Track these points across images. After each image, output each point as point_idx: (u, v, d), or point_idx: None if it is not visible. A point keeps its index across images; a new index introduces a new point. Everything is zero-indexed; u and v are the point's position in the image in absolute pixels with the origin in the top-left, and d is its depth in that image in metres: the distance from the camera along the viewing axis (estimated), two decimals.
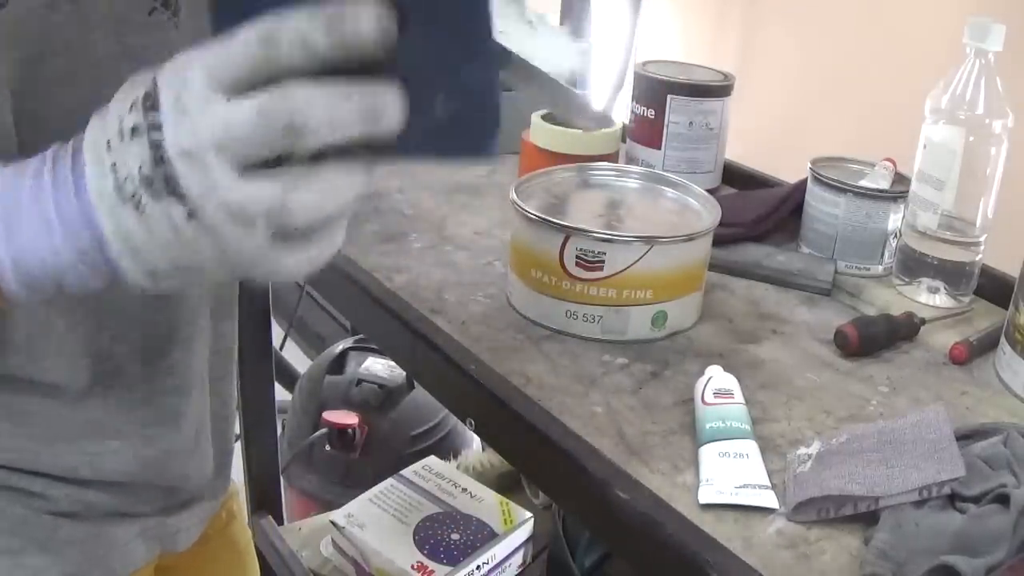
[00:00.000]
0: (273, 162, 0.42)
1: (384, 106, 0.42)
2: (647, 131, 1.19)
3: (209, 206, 0.42)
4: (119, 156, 0.44)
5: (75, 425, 0.67)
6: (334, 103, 0.42)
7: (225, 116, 0.42)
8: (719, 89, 1.18)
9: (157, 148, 0.43)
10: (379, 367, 1.72)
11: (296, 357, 2.20)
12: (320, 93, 0.42)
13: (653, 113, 1.18)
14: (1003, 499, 0.61)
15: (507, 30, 0.57)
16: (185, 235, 0.43)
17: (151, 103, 0.43)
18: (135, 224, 0.44)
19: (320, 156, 0.43)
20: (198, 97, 0.42)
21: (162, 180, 0.43)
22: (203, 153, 0.42)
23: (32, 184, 0.45)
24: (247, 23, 0.42)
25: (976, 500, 0.63)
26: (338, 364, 1.76)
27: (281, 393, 1.76)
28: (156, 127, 0.43)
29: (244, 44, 0.42)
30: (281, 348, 2.14)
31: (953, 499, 0.63)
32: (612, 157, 1.14)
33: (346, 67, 0.42)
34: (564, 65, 0.59)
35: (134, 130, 0.43)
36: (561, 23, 1.62)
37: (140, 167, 0.43)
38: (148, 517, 0.75)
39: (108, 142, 0.44)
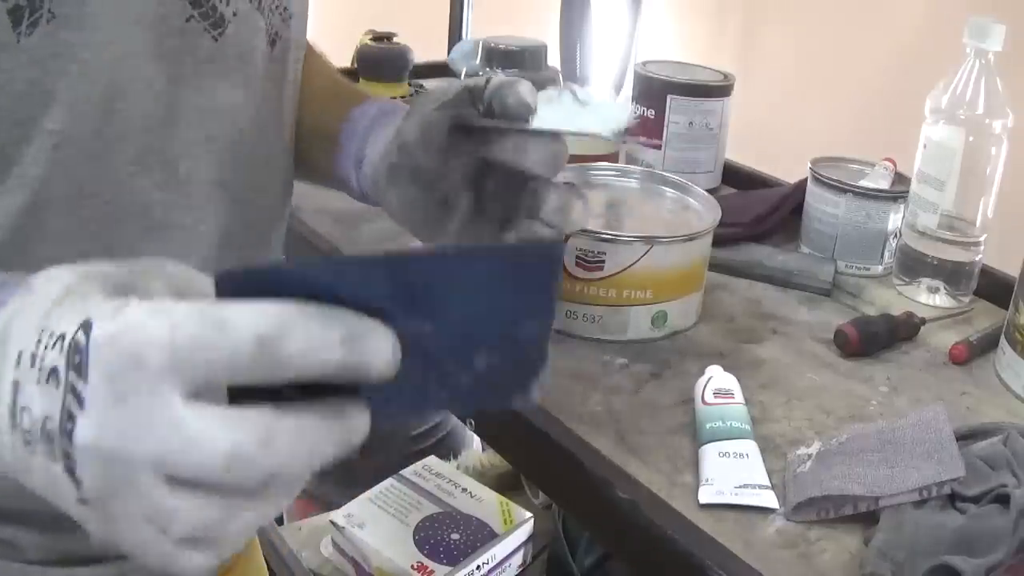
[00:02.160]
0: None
1: (357, 427, 0.36)
2: (647, 131, 1.19)
3: (116, 506, 0.35)
4: (26, 384, 0.36)
5: None
6: (320, 441, 0.35)
7: (185, 434, 0.33)
8: (719, 89, 1.18)
9: (67, 421, 0.34)
10: None
11: None
12: (312, 427, 0.35)
13: (653, 113, 1.18)
14: (1003, 499, 0.61)
15: (564, 112, 0.61)
16: (70, 505, 0.36)
17: (78, 360, 0.34)
18: (16, 452, 0.36)
19: None
20: (148, 389, 0.33)
21: (61, 453, 0.34)
22: (129, 462, 0.34)
23: None
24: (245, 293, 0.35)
25: (976, 500, 0.63)
26: None
27: None
28: (76, 396, 0.34)
29: (235, 340, 0.33)
30: None
31: (953, 499, 0.63)
32: (612, 157, 1.14)
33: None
34: (617, 125, 0.64)
35: (52, 374, 0.35)
36: (561, 25, 1.62)
37: (44, 419, 0.35)
38: (126, 560, 0.65)
39: (20, 355, 0.36)
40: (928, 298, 0.95)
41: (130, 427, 0.33)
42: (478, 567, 1.16)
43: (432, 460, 1.36)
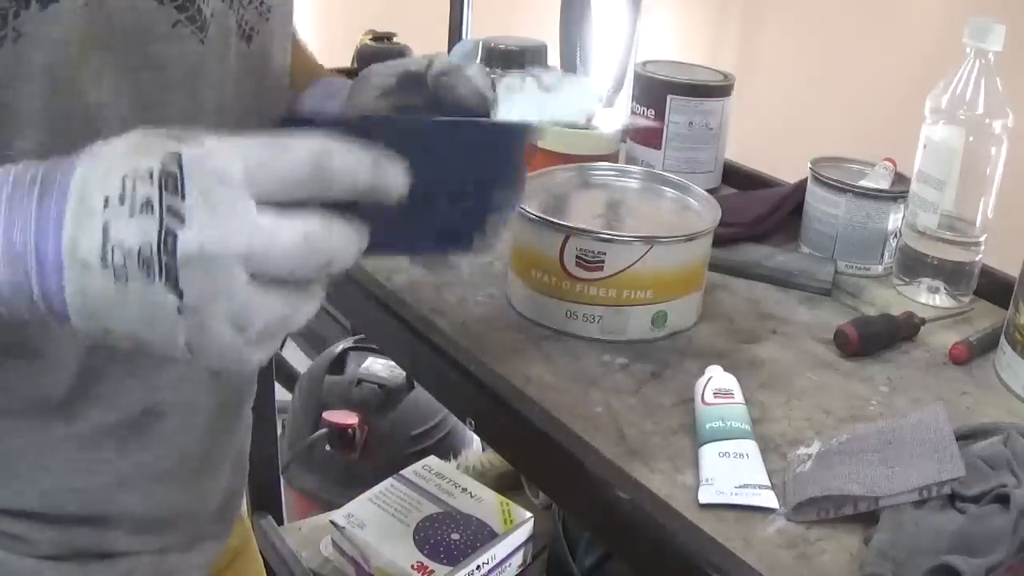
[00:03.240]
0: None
1: (365, 238, 0.45)
2: (647, 131, 1.19)
3: (212, 309, 0.41)
4: (116, 221, 0.41)
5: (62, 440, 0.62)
6: (354, 241, 0.45)
7: (267, 232, 0.41)
8: (719, 89, 1.18)
9: (169, 238, 0.40)
10: (379, 367, 1.72)
11: (296, 357, 2.20)
12: (348, 231, 0.44)
13: (653, 113, 1.18)
14: (1003, 499, 0.61)
15: (529, 103, 0.61)
16: (164, 322, 0.42)
17: (173, 184, 0.41)
18: (107, 292, 0.41)
19: None
20: (234, 200, 0.41)
21: (162, 269, 0.41)
22: (226, 262, 0.41)
23: None
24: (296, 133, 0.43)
25: (976, 500, 0.63)
26: (338, 364, 1.76)
27: (281, 393, 1.76)
28: (176, 215, 0.40)
29: (294, 158, 0.42)
30: (281, 348, 2.13)
31: (953, 499, 0.63)
32: (612, 157, 1.14)
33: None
34: (588, 107, 0.63)
35: (146, 205, 0.41)
36: (561, 25, 1.62)
37: (140, 247, 0.41)
38: (138, 555, 0.69)
39: (107, 199, 0.41)
40: (928, 298, 0.95)
41: (224, 232, 0.41)
42: (478, 567, 1.16)
43: (432, 460, 1.36)
